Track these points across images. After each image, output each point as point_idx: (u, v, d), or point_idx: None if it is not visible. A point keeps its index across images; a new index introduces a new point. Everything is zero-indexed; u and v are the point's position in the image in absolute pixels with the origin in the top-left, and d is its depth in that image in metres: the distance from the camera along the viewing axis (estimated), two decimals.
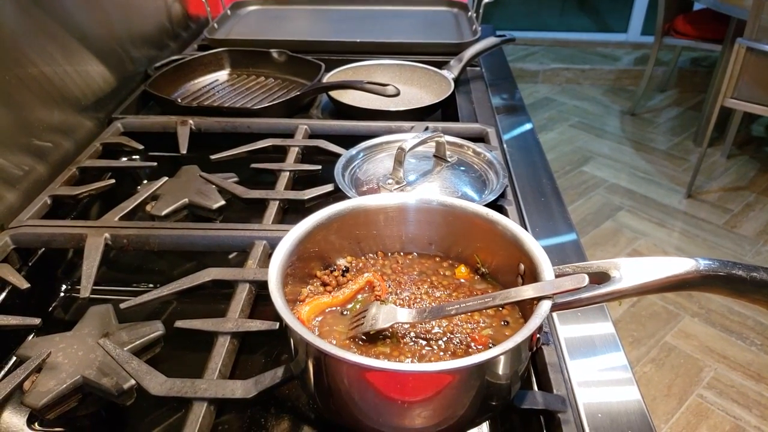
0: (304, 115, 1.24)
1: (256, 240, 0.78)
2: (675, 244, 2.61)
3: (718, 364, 2.03)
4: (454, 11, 1.76)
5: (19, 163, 0.88)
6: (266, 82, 1.36)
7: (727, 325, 2.19)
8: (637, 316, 2.23)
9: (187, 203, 0.90)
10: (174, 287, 0.70)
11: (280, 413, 0.60)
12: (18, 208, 0.85)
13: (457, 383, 0.49)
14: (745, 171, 3.13)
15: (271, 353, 0.68)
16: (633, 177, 3.12)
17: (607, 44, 4.53)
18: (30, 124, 0.91)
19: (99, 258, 0.76)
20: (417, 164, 0.93)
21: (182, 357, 0.67)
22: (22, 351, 0.63)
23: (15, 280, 0.72)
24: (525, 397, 0.57)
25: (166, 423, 0.60)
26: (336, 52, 1.44)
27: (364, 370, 0.48)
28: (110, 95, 1.16)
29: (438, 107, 1.18)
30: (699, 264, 0.52)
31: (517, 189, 0.94)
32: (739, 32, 2.65)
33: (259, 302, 0.71)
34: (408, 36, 1.54)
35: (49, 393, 0.58)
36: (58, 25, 1.00)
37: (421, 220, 0.69)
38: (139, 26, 1.31)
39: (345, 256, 0.69)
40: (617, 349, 0.67)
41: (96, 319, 0.67)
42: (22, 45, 0.90)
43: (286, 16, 1.73)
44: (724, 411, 1.86)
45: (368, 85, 1.13)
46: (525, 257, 0.60)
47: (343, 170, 0.90)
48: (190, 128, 1.08)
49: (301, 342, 0.52)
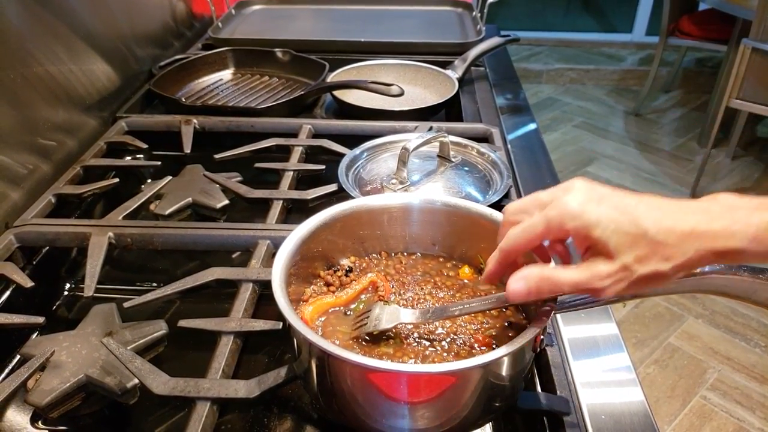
0: (307, 114, 1.24)
1: (260, 240, 0.79)
2: None
3: (721, 366, 2.02)
4: (459, 11, 1.76)
5: (24, 162, 0.88)
6: (270, 82, 1.36)
7: (731, 326, 2.18)
8: (640, 317, 2.23)
9: (190, 202, 0.90)
10: (177, 286, 0.70)
11: (282, 413, 0.60)
12: (22, 207, 0.86)
13: (461, 384, 0.49)
14: (750, 172, 3.12)
15: (274, 353, 0.68)
16: (637, 178, 3.12)
17: (611, 44, 4.52)
18: (35, 123, 0.92)
19: (103, 257, 0.76)
20: (421, 164, 0.93)
21: (185, 356, 0.67)
22: (26, 349, 0.63)
23: (19, 278, 0.73)
24: (528, 399, 0.57)
25: (169, 422, 0.60)
26: (340, 51, 1.44)
27: (366, 370, 0.48)
28: (114, 94, 1.17)
29: (442, 107, 1.18)
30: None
31: (521, 189, 0.94)
32: (745, 32, 2.64)
33: (263, 302, 0.71)
34: (412, 36, 1.54)
35: (52, 391, 0.58)
36: (63, 24, 1.01)
37: (425, 221, 0.69)
38: (143, 25, 1.32)
39: (348, 256, 0.69)
40: (621, 350, 0.67)
41: (99, 317, 0.67)
42: (27, 44, 0.90)
43: (291, 15, 1.73)
44: (727, 413, 1.86)
45: (372, 85, 1.13)
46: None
47: (346, 170, 0.90)
48: (194, 127, 1.09)
49: (304, 342, 0.52)
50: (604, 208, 0.44)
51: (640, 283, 0.44)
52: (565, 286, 0.46)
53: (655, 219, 0.43)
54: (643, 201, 0.45)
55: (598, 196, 0.45)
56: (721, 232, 0.42)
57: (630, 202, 0.45)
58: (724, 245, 0.42)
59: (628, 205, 0.44)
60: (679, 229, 0.43)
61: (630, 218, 0.44)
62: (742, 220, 0.42)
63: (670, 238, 0.43)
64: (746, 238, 0.42)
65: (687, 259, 0.43)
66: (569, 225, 0.45)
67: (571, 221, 0.45)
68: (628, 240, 0.43)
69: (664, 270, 0.43)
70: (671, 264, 0.43)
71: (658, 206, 0.44)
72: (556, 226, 0.46)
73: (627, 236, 0.43)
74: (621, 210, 0.44)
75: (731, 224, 0.42)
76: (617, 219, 0.44)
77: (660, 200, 0.45)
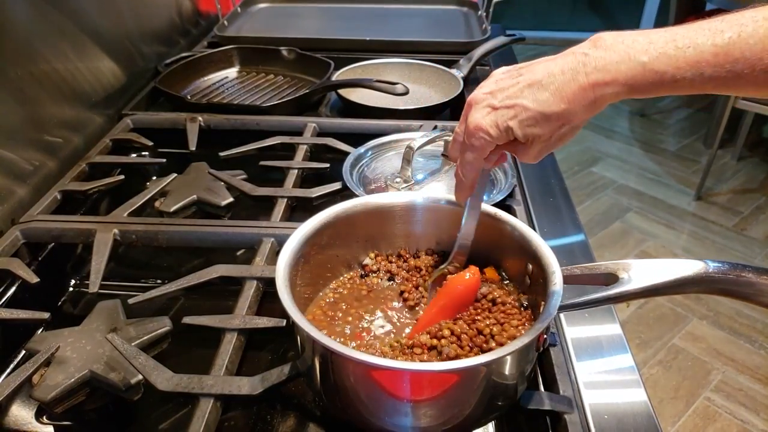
0: (312, 113, 1.24)
1: (264, 237, 0.79)
2: (684, 246, 2.60)
3: (726, 367, 2.01)
4: (464, 10, 1.76)
5: (30, 159, 0.89)
6: (275, 80, 1.36)
7: (735, 327, 2.17)
8: (644, 318, 2.22)
9: (195, 200, 0.90)
10: (182, 283, 0.70)
11: (286, 410, 0.60)
12: (28, 203, 0.86)
13: (464, 383, 0.49)
14: (755, 173, 3.11)
15: (277, 350, 0.68)
16: (642, 178, 3.11)
17: None
18: (41, 120, 0.92)
19: (108, 253, 0.76)
20: (425, 163, 0.93)
21: (189, 353, 0.68)
22: (32, 345, 0.64)
23: (25, 274, 0.73)
24: (531, 398, 0.57)
25: (172, 418, 0.60)
26: (345, 50, 1.44)
27: (369, 368, 0.48)
28: (120, 92, 1.17)
29: (447, 106, 1.18)
30: (708, 266, 0.52)
31: (525, 189, 0.94)
32: None
33: (266, 299, 0.72)
34: (417, 35, 1.53)
35: (57, 387, 0.58)
36: (70, 22, 1.01)
37: (429, 219, 0.69)
38: (149, 23, 1.32)
39: (358, 253, 0.69)
40: (624, 350, 0.67)
41: (104, 314, 0.68)
42: (34, 41, 0.91)
43: (296, 13, 1.74)
44: (731, 414, 1.85)
45: (377, 84, 1.13)
46: (533, 257, 0.60)
47: (351, 168, 0.90)
48: (199, 125, 1.09)
49: (307, 339, 0.52)
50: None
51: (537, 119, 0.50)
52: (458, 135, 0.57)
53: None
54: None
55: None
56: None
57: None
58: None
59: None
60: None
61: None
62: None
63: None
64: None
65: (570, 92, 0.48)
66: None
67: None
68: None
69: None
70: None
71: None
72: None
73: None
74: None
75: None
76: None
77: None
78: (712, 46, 0.44)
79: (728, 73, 0.43)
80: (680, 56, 0.44)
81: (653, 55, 0.45)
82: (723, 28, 0.44)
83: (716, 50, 0.43)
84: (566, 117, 0.49)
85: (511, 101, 0.51)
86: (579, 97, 0.48)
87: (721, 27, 0.44)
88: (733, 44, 0.43)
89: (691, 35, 0.45)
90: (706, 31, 0.44)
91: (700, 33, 0.44)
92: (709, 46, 0.44)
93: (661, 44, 0.45)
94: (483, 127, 0.52)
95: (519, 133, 0.51)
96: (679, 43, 0.45)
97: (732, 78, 0.44)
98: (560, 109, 0.49)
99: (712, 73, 0.44)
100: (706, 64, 0.44)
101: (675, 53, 0.45)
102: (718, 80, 0.44)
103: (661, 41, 0.45)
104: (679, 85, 0.45)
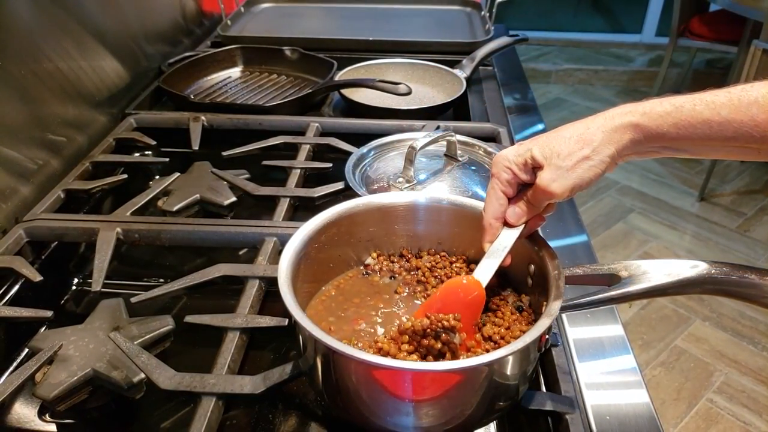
0: (315, 112, 1.25)
1: (267, 236, 0.79)
2: (687, 247, 2.59)
3: (728, 369, 2.01)
4: (467, 10, 1.76)
5: (34, 157, 0.89)
6: (278, 80, 1.36)
7: (738, 329, 2.17)
8: (647, 319, 2.22)
9: (198, 199, 0.90)
10: (184, 282, 0.70)
11: (287, 409, 0.60)
12: (32, 202, 0.86)
13: (466, 383, 0.49)
14: (759, 174, 3.10)
15: (279, 349, 0.68)
16: (645, 179, 3.10)
17: (621, 45, 4.49)
18: (45, 119, 0.92)
19: (110, 252, 0.77)
20: (428, 163, 0.93)
21: (192, 352, 0.68)
22: (34, 343, 0.64)
23: (28, 272, 0.73)
24: (533, 398, 0.57)
25: (175, 417, 0.60)
26: (348, 50, 1.44)
27: (371, 367, 0.48)
28: (124, 91, 1.17)
29: (450, 106, 1.18)
30: (711, 267, 0.52)
31: None
32: (756, 34, 2.62)
33: (269, 298, 0.72)
34: (421, 35, 1.54)
35: (60, 385, 0.58)
36: (74, 21, 1.01)
37: (431, 219, 0.69)
38: (153, 22, 1.32)
39: (360, 253, 0.69)
40: (626, 351, 0.67)
41: (107, 312, 0.68)
42: (38, 41, 0.91)
43: (299, 13, 1.74)
44: (733, 416, 1.85)
45: (380, 84, 1.13)
46: (535, 258, 0.60)
47: (353, 168, 0.90)
48: (202, 124, 1.09)
49: (309, 339, 0.52)
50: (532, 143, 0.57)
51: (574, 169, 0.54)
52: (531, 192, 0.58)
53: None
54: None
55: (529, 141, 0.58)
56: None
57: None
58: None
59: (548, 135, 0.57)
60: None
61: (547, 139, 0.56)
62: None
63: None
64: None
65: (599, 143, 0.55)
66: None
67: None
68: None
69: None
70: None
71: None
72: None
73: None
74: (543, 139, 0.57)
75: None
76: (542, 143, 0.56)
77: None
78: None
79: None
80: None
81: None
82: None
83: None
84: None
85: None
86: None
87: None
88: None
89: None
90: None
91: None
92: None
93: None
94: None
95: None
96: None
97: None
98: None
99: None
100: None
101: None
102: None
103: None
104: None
